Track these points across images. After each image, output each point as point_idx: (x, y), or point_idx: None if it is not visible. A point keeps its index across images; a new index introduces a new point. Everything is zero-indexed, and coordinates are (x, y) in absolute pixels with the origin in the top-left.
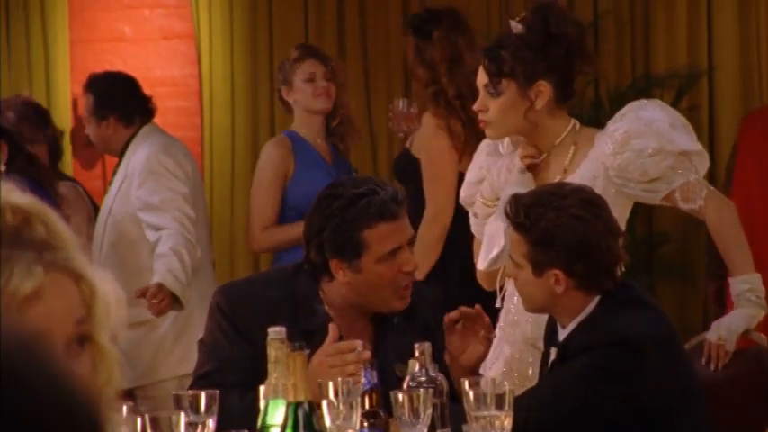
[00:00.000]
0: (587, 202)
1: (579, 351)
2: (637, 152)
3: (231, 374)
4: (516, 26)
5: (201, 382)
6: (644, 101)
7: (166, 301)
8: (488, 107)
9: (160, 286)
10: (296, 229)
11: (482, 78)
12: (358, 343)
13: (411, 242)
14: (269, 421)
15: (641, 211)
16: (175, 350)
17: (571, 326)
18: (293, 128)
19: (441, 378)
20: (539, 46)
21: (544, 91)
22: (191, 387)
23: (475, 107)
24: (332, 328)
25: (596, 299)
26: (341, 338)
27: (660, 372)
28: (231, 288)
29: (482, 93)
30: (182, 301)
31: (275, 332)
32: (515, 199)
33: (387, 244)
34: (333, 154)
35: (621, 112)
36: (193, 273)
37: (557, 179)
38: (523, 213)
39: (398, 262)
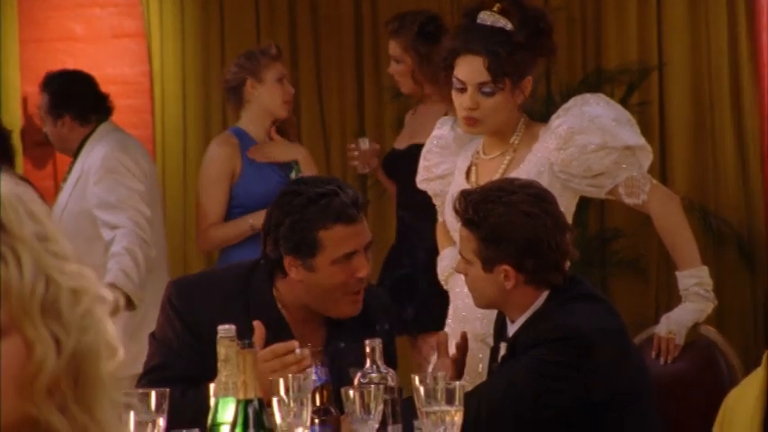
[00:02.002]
0: (536, 198)
1: (529, 346)
2: (580, 148)
3: (178, 369)
4: (500, 20)
5: (148, 376)
6: (588, 96)
7: (119, 301)
8: (480, 105)
9: (112, 287)
10: (240, 225)
11: (476, 76)
12: (294, 344)
13: (368, 247)
14: (219, 419)
15: (593, 207)
16: (130, 349)
17: (520, 321)
18: (241, 125)
19: (391, 374)
20: (530, 42)
21: (528, 86)
22: (139, 381)
23: (466, 105)
24: (257, 326)
25: (545, 294)
26: (293, 337)
27: (610, 366)
28: (184, 282)
29: (473, 91)
30: (134, 301)
31: (225, 330)
32: (464, 195)
33: (342, 247)
34: None
35: (566, 106)
36: (149, 272)
37: (498, 173)
38: (472, 209)
39: (353, 266)
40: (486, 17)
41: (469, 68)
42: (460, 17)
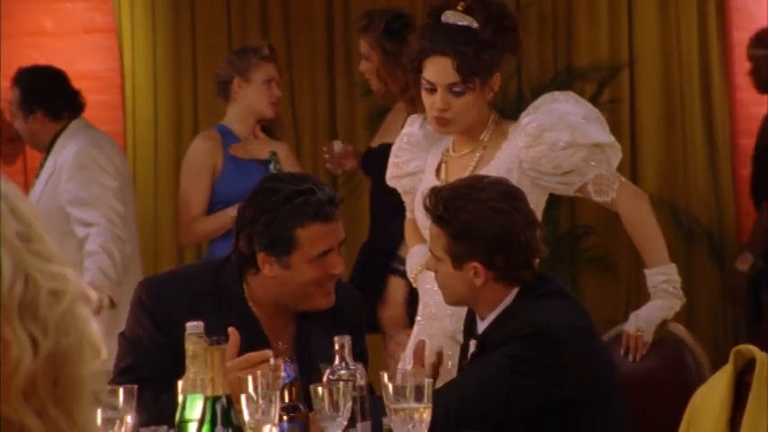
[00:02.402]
0: (506, 195)
1: (499, 343)
2: (550, 145)
3: (149, 369)
4: (465, 18)
5: (120, 377)
6: (557, 93)
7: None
8: (451, 105)
9: (92, 286)
10: (221, 218)
11: (445, 78)
12: (269, 353)
13: (341, 245)
14: (187, 416)
15: (564, 204)
16: (105, 345)
17: (490, 318)
18: (226, 122)
19: (360, 371)
20: (496, 39)
21: (497, 82)
22: (110, 381)
23: (437, 107)
24: (232, 333)
25: (515, 291)
26: (263, 336)
27: (579, 363)
28: (154, 281)
29: (443, 92)
30: (114, 299)
31: (193, 327)
32: (434, 192)
33: (318, 245)
34: None
35: (535, 103)
36: (123, 269)
37: (468, 171)
38: (442, 207)
39: (328, 263)
40: (451, 16)
41: (438, 70)
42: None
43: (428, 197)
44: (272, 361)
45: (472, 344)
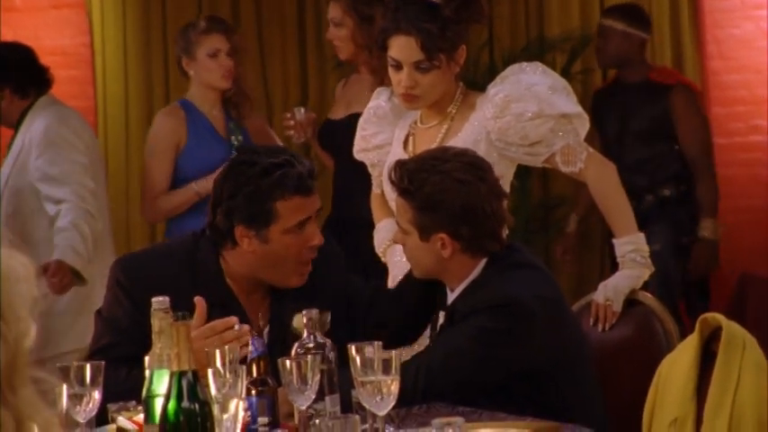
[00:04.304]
0: (471, 166)
1: (467, 314)
2: (516, 116)
3: (127, 348)
4: None
5: (98, 356)
6: (524, 64)
7: (67, 278)
8: (417, 82)
9: (60, 263)
10: (185, 193)
11: (411, 55)
12: (234, 320)
13: (317, 214)
14: (154, 391)
15: (537, 175)
16: (77, 323)
17: (459, 289)
18: (188, 97)
19: (328, 344)
20: (459, 14)
21: (463, 54)
22: (87, 359)
23: (404, 85)
24: (198, 302)
25: (483, 262)
26: (242, 311)
27: (548, 333)
28: (130, 260)
29: (409, 69)
30: (84, 276)
31: (159, 302)
32: (399, 165)
33: (296, 215)
34: (227, 124)
35: (502, 74)
36: (94, 245)
37: (435, 142)
38: (407, 179)
39: (306, 234)
40: None
41: (403, 49)
42: None
43: (393, 170)
44: (237, 327)
45: (441, 315)
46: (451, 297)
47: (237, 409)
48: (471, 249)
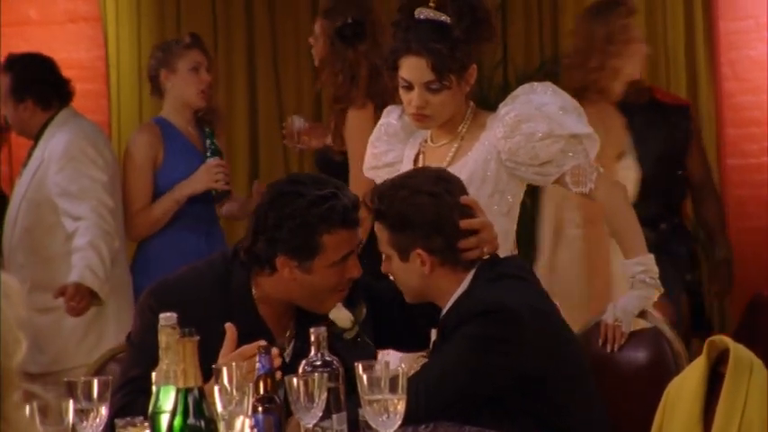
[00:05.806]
0: (438, 179)
1: (456, 326)
2: (527, 136)
3: None
4: (437, 15)
5: (130, 385)
6: (535, 84)
7: (84, 302)
8: (428, 102)
9: (78, 286)
10: (163, 204)
11: (421, 76)
12: (262, 344)
13: (359, 247)
14: (160, 407)
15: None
16: (88, 338)
17: (448, 305)
18: (163, 114)
19: (336, 362)
20: (469, 34)
21: (473, 74)
22: (118, 389)
23: (415, 105)
24: (229, 329)
25: (470, 276)
26: (271, 337)
27: (537, 339)
28: (163, 288)
29: (420, 90)
30: (101, 296)
31: (166, 318)
32: (373, 189)
33: (341, 250)
34: (202, 140)
35: (513, 94)
36: (110, 264)
37: (446, 161)
38: (378, 199)
39: (347, 267)
40: (424, 13)
41: (413, 70)
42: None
43: (368, 196)
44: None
45: (433, 333)
46: (443, 314)
47: (243, 426)
48: (449, 261)
